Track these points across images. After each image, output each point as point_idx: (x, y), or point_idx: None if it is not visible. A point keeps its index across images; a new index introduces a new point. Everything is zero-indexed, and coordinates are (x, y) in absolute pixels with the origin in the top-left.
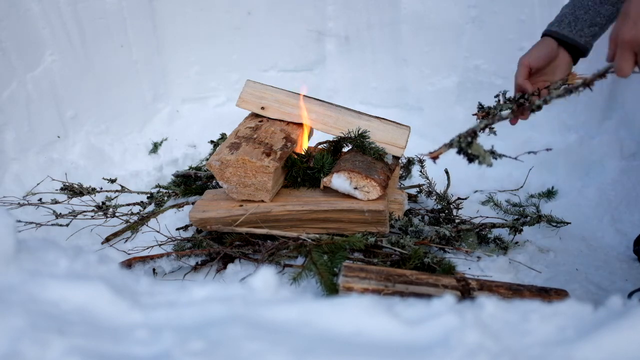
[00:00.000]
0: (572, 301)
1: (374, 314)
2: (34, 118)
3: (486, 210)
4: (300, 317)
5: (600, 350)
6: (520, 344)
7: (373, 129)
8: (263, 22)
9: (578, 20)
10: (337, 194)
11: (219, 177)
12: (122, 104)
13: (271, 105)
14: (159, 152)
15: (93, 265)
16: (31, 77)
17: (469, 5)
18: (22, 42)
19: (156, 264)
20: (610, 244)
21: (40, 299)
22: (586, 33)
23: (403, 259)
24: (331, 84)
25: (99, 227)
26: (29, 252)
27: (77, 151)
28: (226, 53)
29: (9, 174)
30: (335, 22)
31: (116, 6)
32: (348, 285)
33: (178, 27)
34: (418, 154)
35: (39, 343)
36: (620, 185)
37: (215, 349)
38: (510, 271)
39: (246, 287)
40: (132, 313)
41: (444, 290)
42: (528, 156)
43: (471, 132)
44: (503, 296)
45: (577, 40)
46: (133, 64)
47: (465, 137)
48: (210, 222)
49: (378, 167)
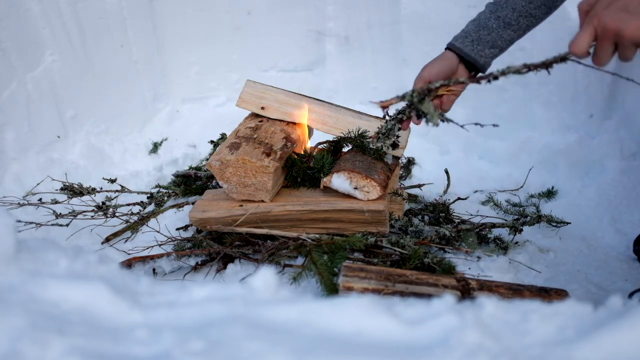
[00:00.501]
0: (572, 301)
1: (374, 314)
2: (34, 118)
3: (486, 210)
4: (300, 317)
5: (600, 350)
6: (520, 344)
7: (373, 129)
8: (263, 22)
9: (481, 41)
10: (337, 194)
11: (219, 177)
12: (122, 104)
13: (271, 105)
14: (159, 152)
15: (93, 265)
16: (31, 77)
17: (469, 5)
18: (22, 42)
19: (156, 264)
20: (610, 244)
21: (40, 299)
22: (487, 54)
23: (403, 259)
24: (331, 84)
25: (99, 227)
26: (29, 252)
27: (77, 151)
28: (226, 53)
29: (9, 174)
30: (335, 22)
31: (116, 6)
32: (348, 285)
33: (178, 27)
34: (370, 100)
35: (39, 343)
36: (620, 185)
37: (215, 349)
38: (510, 271)
39: (246, 287)
40: (132, 313)
41: (444, 290)
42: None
43: (425, 89)
44: (503, 296)
45: (477, 59)
46: (133, 64)
47: (419, 93)
48: (210, 222)
49: (378, 167)
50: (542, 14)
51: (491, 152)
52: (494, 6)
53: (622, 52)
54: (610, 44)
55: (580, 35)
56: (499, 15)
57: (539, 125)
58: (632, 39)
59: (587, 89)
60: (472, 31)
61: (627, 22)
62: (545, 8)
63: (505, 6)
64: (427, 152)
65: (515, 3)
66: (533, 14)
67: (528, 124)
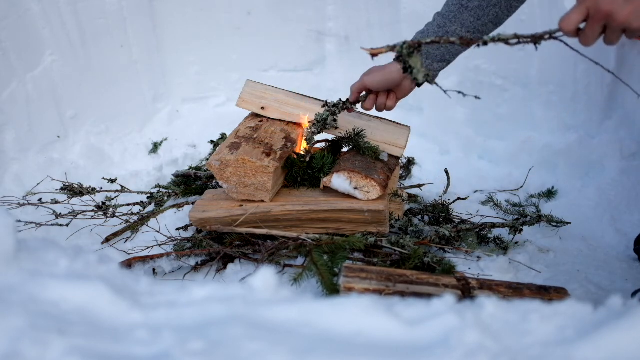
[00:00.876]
0: (572, 301)
1: (374, 314)
2: (34, 118)
3: (486, 210)
4: (300, 317)
5: (600, 350)
6: (520, 344)
7: (373, 129)
8: (263, 22)
9: (429, 55)
10: (337, 194)
11: (219, 177)
12: (122, 104)
13: (271, 105)
14: (159, 152)
15: (93, 265)
16: (31, 77)
17: None
18: (22, 42)
19: (156, 264)
20: (610, 244)
21: (40, 299)
22: (434, 67)
23: (403, 258)
24: (331, 84)
25: (99, 227)
26: (29, 252)
27: (77, 151)
28: (226, 53)
29: (9, 174)
30: (335, 22)
31: (116, 6)
32: (349, 285)
33: (178, 27)
34: (361, 47)
35: (39, 343)
36: (620, 185)
37: (215, 349)
38: (510, 271)
39: (246, 287)
40: (132, 313)
41: (445, 290)
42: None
43: (416, 43)
44: (503, 295)
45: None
46: (133, 64)
47: (409, 46)
48: (210, 222)
49: (378, 167)
50: (489, 30)
51: (491, 152)
52: (442, 20)
53: (609, 36)
54: (600, 25)
55: (571, 13)
56: (447, 31)
57: (539, 125)
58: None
59: (587, 89)
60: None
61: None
62: (492, 25)
63: (454, 21)
64: (427, 152)
65: (464, 19)
66: (481, 30)
67: (528, 124)
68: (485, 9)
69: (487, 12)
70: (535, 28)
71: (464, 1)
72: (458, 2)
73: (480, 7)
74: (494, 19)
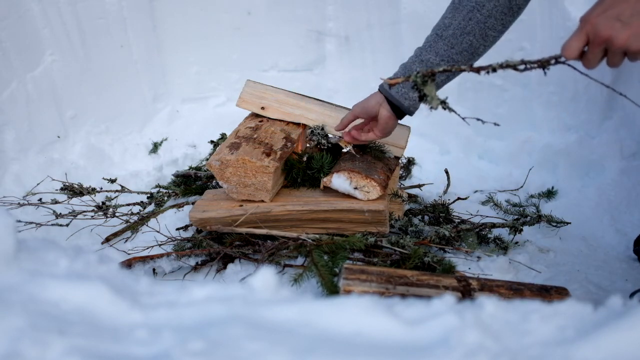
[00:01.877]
0: (572, 301)
1: (374, 314)
2: (34, 118)
3: (486, 210)
4: (300, 317)
5: (600, 350)
6: (520, 344)
7: None
8: (263, 22)
9: (406, 84)
10: (337, 194)
11: (219, 177)
12: (122, 104)
13: (271, 105)
14: (159, 152)
15: (93, 265)
16: (31, 77)
17: None
18: (22, 42)
19: (156, 264)
20: (610, 244)
21: (40, 299)
22: (411, 97)
23: (403, 258)
24: (331, 84)
25: (99, 227)
26: (29, 252)
27: (77, 151)
28: (226, 53)
29: (9, 174)
30: (335, 22)
31: (116, 6)
32: (349, 288)
33: (178, 27)
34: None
35: (39, 343)
36: (620, 185)
37: (215, 349)
38: (510, 271)
39: (246, 287)
40: (132, 313)
41: (445, 292)
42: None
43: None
44: (504, 296)
45: (402, 102)
46: (133, 64)
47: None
48: (210, 222)
49: (378, 167)
50: (465, 59)
51: (491, 152)
52: (419, 50)
53: (611, 59)
54: (601, 49)
55: (572, 39)
56: (422, 59)
57: (539, 125)
58: (622, 47)
59: (587, 89)
60: (399, 74)
61: (619, 31)
62: (468, 54)
63: (429, 50)
64: (427, 152)
65: (438, 48)
66: (455, 59)
67: (528, 124)
68: (459, 37)
69: (460, 40)
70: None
71: (439, 31)
72: (434, 32)
73: (454, 35)
74: (468, 47)
